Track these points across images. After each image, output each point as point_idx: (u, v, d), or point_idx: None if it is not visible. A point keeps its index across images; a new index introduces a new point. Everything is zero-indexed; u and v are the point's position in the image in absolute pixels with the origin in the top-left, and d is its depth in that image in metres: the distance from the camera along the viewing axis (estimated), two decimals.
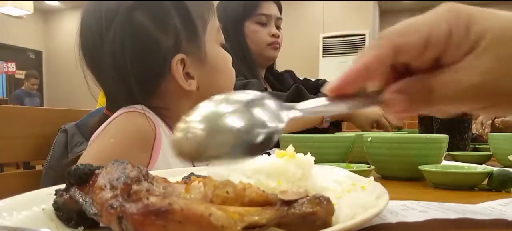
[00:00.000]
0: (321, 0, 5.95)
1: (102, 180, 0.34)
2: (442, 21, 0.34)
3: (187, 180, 0.43)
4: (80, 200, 0.35)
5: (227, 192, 0.31)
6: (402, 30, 0.35)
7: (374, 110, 1.37)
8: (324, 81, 1.73)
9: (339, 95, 0.37)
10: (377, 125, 1.42)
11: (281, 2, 1.62)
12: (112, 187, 0.32)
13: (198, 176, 0.45)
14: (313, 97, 1.48)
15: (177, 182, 0.42)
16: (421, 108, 0.36)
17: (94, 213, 0.32)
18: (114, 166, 0.36)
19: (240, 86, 1.33)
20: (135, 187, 0.31)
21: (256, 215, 0.29)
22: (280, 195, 0.31)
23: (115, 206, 0.29)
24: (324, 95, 0.38)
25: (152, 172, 0.41)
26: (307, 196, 0.31)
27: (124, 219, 0.28)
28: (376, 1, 6.14)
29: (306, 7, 5.98)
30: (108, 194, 0.31)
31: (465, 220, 0.40)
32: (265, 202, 0.31)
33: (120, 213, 0.28)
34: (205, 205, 0.29)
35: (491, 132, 1.49)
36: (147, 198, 0.29)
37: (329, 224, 0.31)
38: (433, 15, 0.35)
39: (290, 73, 1.75)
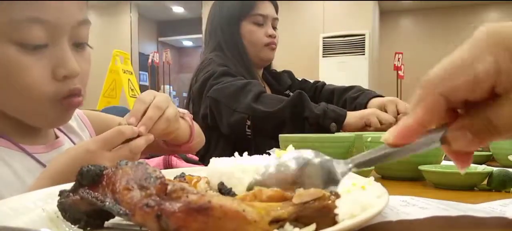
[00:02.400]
0: (321, 0, 5.94)
1: (124, 180, 0.35)
2: (486, 54, 0.33)
3: (181, 178, 0.43)
4: (98, 200, 0.35)
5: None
6: (446, 74, 0.35)
7: (366, 110, 1.35)
8: (323, 84, 1.71)
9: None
10: (370, 124, 1.38)
11: (281, 2, 1.61)
12: (142, 187, 0.33)
13: (191, 175, 0.45)
14: (314, 104, 1.40)
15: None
16: (485, 140, 0.36)
17: (124, 212, 0.33)
18: (131, 167, 0.37)
19: (241, 86, 1.32)
20: (171, 186, 0.32)
21: (280, 210, 0.31)
22: (296, 200, 0.33)
23: (152, 204, 0.31)
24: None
25: None
26: (321, 194, 0.33)
27: (164, 216, 0.29)
28: (376, 1, 6.13)
29: (306, 7, 5.97)
30: (139, 193, 0.32)
31: (466, 218, 0.40)
32: (281, 198, 0.34)
33: (158, 211, 0.30)
34: (237, 201, 0.31)
35: None
36: (187, 196, 0.30)
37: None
38: (474, 48, 0.34)
39: (289, 73, 1.74)
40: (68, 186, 0.39)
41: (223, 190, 0.41)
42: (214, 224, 0.29)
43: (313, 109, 1.25)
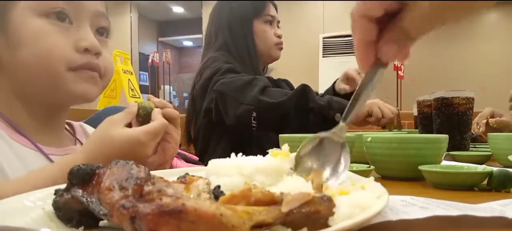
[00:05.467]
0: (321, 0, 5.94)
1: (108, 180, 0.34)
2: None
3: (183, 179, 0.43)
4: (85, 200, 0.35)
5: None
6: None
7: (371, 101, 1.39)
8: (317, 92, 1.74)
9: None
10: (372, 113, 1.42)
11: (281, 2, 1.65)
12: (122, 188, 0.32)
13: (193, 176, 0.45)
14: (319, 97, 1.45)
15: (174, 182, 0.42)
16: (407, 46, 0.43)
17: (104, 213, 0.32)
18: (118, 166, 0.36)
19: (248, 80, 1.34)
20: (147, 188, 0.31)
21: (263, 214, 0.30)
22: (285, 207, 0.31)
23: (128, 206, 0.30)
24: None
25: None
26: (309, 198, 0.32)
27: (138, 219, 0.29)
28: None
29: (306, 7, 5.97)
30: (118, 194, 0.32)
31: (466, 217, 0.40)
32: (270, 201, 0.32)
33: (133, 213, 0.29)
34: (215, 205, 0.30)
35: (485, 131, 1.49)
36: (161, 199, 0.29)
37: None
38: None
39: (286, 82, 1.76)
40: (63, 185, 0.39)
41: (216, 193, 0.41)
42: (187, 228, 0.28)
43: (318, 100, 1.27)
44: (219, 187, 0.41)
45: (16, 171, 0.65)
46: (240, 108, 1.31)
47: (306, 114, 1.27)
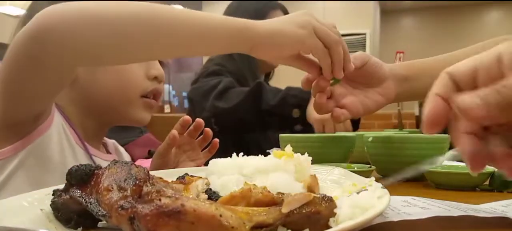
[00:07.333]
0: (321, 0, 5.94)
1: (107, 181, 0.34)
2: (492, 51, 0.35)
3: (182, 179, 0.43)
4: (84, 200, 0.35)
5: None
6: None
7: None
8: None
9: None
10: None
11: (281, 2, 1.63)
12: (121, 188, 0.32)
13: (192, 176, 0.45)
14: (275, 93, 1.36)
15: (173, 182, 0.42)
16: (497, 110, 0.33)
17: (102, 213, 0.32)
18: (117, 167, 0.36)
19: (212, 84, 1.34)
20: (146, 188, 0.31)
21: (263, 215, 0.30)
22: (286, 208, 0.31)
23: (126, 207, 0.30)
24: None
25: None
26: (310, 198, 0.32)
27: (136, 219, 0.29)
28: (377, 1, 6.13)
29: (306, 7, 5.97)
30: (117, 195, 0.32)
31: (467, 218, 0.40)
32: (270, 202, 0.32)
33: (132, 214, 0.29)
34: (215, 205, 0.29)
35: None
36: (160, 199, 0.29)
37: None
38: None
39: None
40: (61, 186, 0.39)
41: (209, 194, 0.40)
42: (186, 229, 0.28)
43: (270, 100, 1.19)
44: (210, 188, 0.41)
45: (70, 161, 0.70)
46: (203, 115, 1.30)
47: (262, 116, 1.20)
